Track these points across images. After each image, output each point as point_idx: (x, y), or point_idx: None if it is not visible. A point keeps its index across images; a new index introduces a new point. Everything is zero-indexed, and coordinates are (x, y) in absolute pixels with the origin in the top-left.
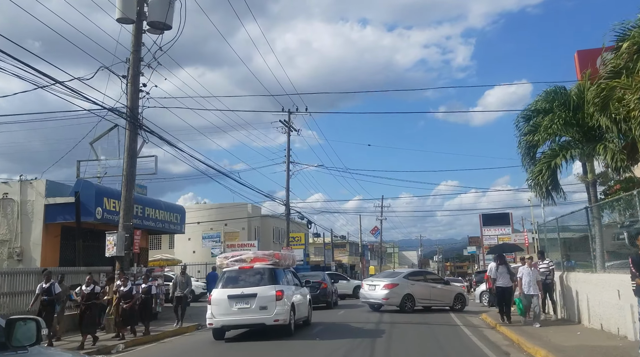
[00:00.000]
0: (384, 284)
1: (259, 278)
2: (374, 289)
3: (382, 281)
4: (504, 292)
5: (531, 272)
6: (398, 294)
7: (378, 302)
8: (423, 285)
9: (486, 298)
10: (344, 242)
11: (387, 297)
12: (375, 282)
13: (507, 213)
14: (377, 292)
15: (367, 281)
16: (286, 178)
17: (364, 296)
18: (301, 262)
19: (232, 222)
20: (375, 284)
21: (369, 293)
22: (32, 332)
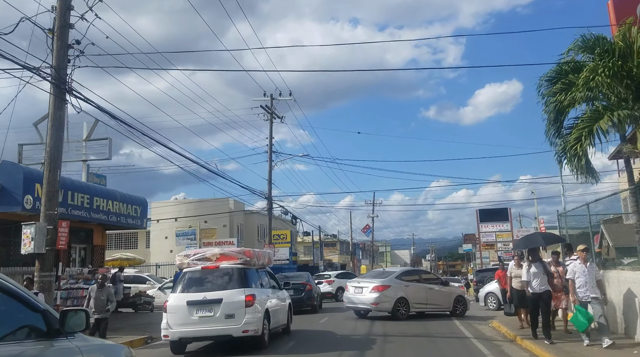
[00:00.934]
0: (372, 286)
1: (225, 280)
2: (360, 292)
3: (371, 282)
4: (540, 299)
5: (587, 270)
6: (390, 297)
7: (366, 307)
8: (418, 286)
9: (493, 301)
10: (335, 240)
11: (376, 301)
12: (362, 284)
13: (506, 208)
14: (365, 296)
15: (352, 283)
16: (268, 169)
17: (349, 300)
18: (287, 262)
19: (213, 219)
20: (362, 286)
21: (355, 297)
22: (82, 320)
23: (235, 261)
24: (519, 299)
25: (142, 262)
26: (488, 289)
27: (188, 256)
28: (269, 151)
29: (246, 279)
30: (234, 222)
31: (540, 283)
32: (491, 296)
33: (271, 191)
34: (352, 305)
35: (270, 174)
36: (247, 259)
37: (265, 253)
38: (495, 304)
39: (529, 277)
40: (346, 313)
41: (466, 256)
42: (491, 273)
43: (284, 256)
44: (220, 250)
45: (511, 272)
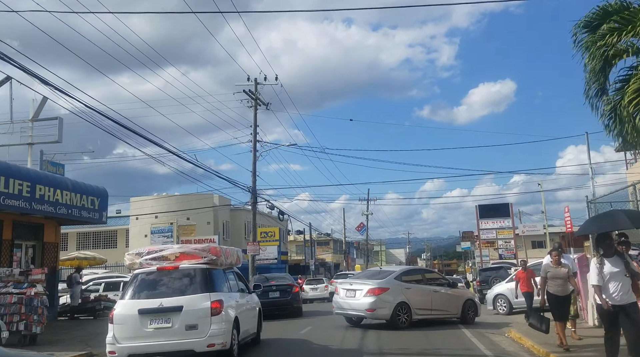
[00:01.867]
0: (367, 289)
1: (186, 283)
2: (353, 296)
3: (365, 283)
4: (623, 315)
5: None
6: (388, 302)
7: (359, 314)
8: (422, 289)
9: (503, 304)
10: (328, 239)
11: (372, 307)
12: (355, 286)
13: (507, 203)
14: (358, 301)
15: (343, 284)
16: (252, 159)
17: (339, 306)
18: (275, 261)
19: (197, 215)
20: (355, 288)
21: (347, 302)
22: None
23: (198, 260)
24: (558, 309)
25: (104, 262)
26: (497, 291)
27: (140, 255)
28: (253, 140)
29: (212, 281)
30: (219, 219)
31: (621, 289)
32: (501, 299)
33: (255, 183)
34: (342, 311)
35: (255, 164)
36: (214, 258)
37: (233, 251)
38: (505, 308)
39: (600, 279)
40: (335, 319)
41: (463, 254)
42: (495, 272)
43: (271, 254)
44: (180, 247)
45: (547, 272)
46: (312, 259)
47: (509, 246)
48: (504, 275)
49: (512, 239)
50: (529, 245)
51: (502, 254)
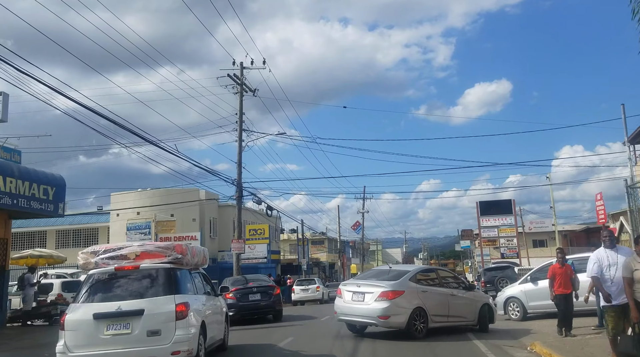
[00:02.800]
0: (380, 292)
1: (148, 285)
2: (361, 300)
3: (377, 285)
4: None
5: None
6: (404, 308)
7: (369, 321)
8: (439, 292)
9: (516, 308)
10: (323, 238)
11: (386, 313)
12: (363, 288)
13: (509, 200)
14: (369, 306)
15: (348, 286)
16: (238, 149)
17: (343, 312)
18: (264, 260)
19: (181, 212)
20: (363, 291)
21: (353, 306)
22: None
23: (161, 259)
24: None
25: (63, 260)
26: (510, 293)
27: (96, 253)
28: (238, 129)
29: (177, 282)
30: (206, 216)
31: None
32: (514, 302)
33: (241, 175)
34: (346, 317)
35: (240, 155)
36: (179, 257)
37: (200, 250)
38: (519, 313)
39: None
40: (321, 325)
41: (462, 254)
42: (501, 272)
43: (261, 253)
44: (141, 245)
45: (633, 271)
46: (304, 258)
47: (511, 244)
48: (510, 275)
49: (514, 237)
50: (530, 244)
51: (504, 253)
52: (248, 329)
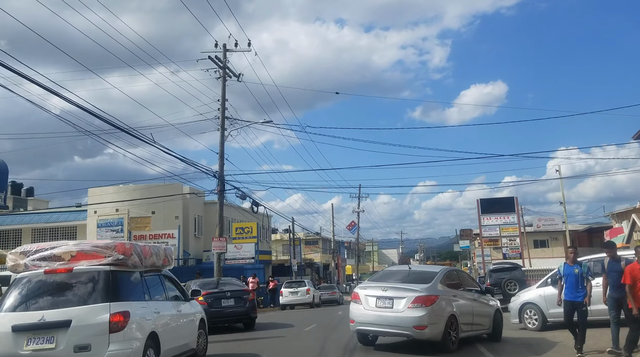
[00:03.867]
0: (415, 297)
1: (81, 290)
2: (389, 306)
3: (408, 289)
4: None
5: None
6: (440, 316)
7: (402, 332)
8: (465, 297)
9: (534, 316)
10: (317, 238)
11: (423, 323)
12: (391, 292)
13: (512, 197)
14: (401, 314)
15: (369, 290)
16: (220, 139)
17: (365, 321)
18: (252, 261)
19: (163, 209)
20: (392, 295)
21: (379, 314)
22: None
23: (100, 260)
24: None
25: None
26: (526, 298)
27: (26, 254)
28: (220, 117)
29: (117, 287)
30: (190, 213)
31: None
32: (531, 309)
33: (223, 166)
34: (370, 328)
35: (222, 145)
36: (120, 258)
37: (158, 250)
38: (537, 322)
39: None
40: (304, 337)
41: (460, 254)
42: (509, 273)
43: (248, 253)
44: (77, 244)
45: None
46: (295, 258)
47: (514, 244)
48: (519, 277)
49: (517, 237)
50: (531, 244)
51: (506, 254)
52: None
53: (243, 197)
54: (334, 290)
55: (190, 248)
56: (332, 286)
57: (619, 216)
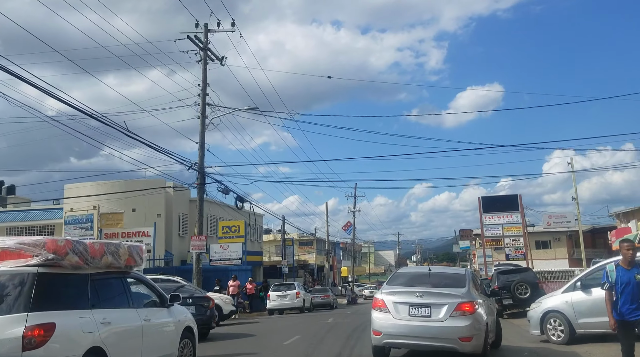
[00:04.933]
0: (457, 303)
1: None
2: (427, 315)
3: (447, 295)
4: None
5: None
6: (481, 325)
7: (446, 345)
8: (488, 302)
9: (559, 327)
10: (311, 238)
11: (469, 333)
12: (427, 299)
13: (515, 195)
14: (442, 323)
15: (398, 295)
16: (200, 128)
17: (397, 332)
18: (239, 262)
19: (145, 207)
20: (428, 302)
21: (416, 325)
22: None
23: (26, 260)
24: None
25: None
26: (550, 306)
27: None
28: (201, 103)
29: (42, 294)
30: (174, 211)
31: None
32: (555, 319)
33: (203, 158)
34: (405, 341)
35: (203, 134)
36: (51, 257)
37: (117, 247)
38: (562, 333)
39: None
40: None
41: (459, 255)
42: (519, 275)
43: (235, 254)
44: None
45: None
46: (285, 259)
47: (517, 244)
48: (531, 279)
49: (520, 237)
50: (533, 245)
51: (509, 254)
52: None
53: (226, 191)
54: (326, 293)
55: (174, 248)
56: (325, 289)
57: (624, 216)
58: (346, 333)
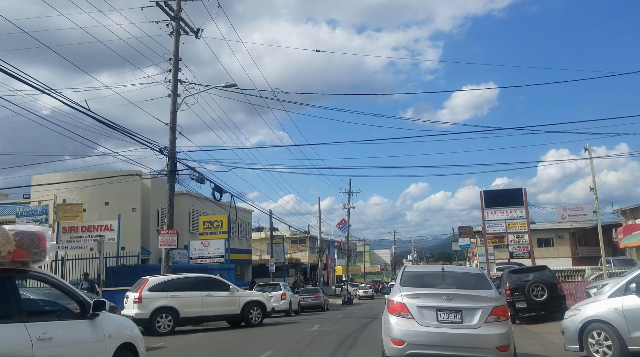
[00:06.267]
0: (492, 308)
1: None
2: (459, 321)
3: (479, 298)
4: None
5: None
6: (512, 331)
7: (483, 355)
8: None
9: (605, 342)
10: (304, 236)
11: (506, 342)
12: (457, 303)
13: (520, 189)
14: (476, 330)
15: (422, 298)
16: (171, 107)
17: (425, 341)
18: (221, 260)
19: (119, 200)
20: (459, 306)
21: (444, 332)
22: None
23: None
24: None
25: None
26: (591, 314)
27: None
28: (172, 80)
29: None
30: (152, 206)
31: None
32: (600, 331)
33: (175, 141)
34: (433, 351)
35: (174, 114)
36: None
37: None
38: (610, 350)
39: None
40: None
41: (457, 254)
42: (534, 275)
43: (216, 251)
44: None
45: None
46: (273, 257)
47: (522, 241)
48: (547, 279)
49: (525, 233)
50: (534, 243)
51: (513, 252)
52: None
53: (201, 180)
54: (317, 294)
55: (151, 245)
56: (315, 289)
57: (631, 213)
58: (331, 347)
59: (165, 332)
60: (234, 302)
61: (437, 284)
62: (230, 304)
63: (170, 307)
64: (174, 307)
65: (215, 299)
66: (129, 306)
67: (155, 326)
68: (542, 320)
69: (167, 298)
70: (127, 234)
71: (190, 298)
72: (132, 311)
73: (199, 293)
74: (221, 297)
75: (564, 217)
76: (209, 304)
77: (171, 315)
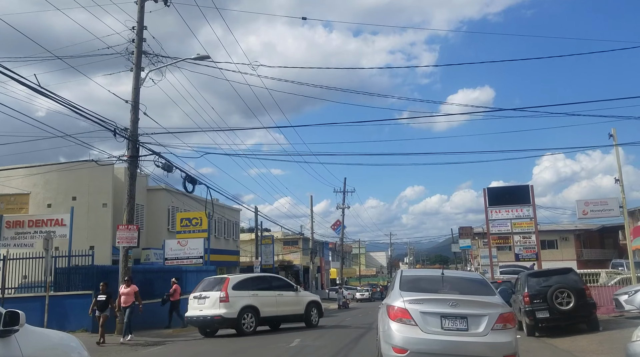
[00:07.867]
0: (498, 315)
1: None
2: (464, 328)
3: (485, 304)
4: None
5: None
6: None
7: None
8: None
9: None
10: (297, 237)
11: (514, 351)
12: (463, 308)
13: (526, 186)
14: (484, 338)
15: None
16: (133, 83)
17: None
18: (199, 261)
19: (86, 195)
20: (464, 312)
21: (449, 340)
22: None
23: None
24: None
25: None
26: None
27: None
28: (135, 51)
29: None
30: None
31: None
32: None
33: (137, 122)
34: None
35: (137, 90)
36: None
37: None
38: None
39: None
40: None
41: (455, 256)
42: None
43: (195, 251)
44: None
45: None
46: (258, 258)
47: (528, 242)
48: (574, 283)
49: (532, 233)
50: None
51: (519, 254)
52: None
53: (168, 168)
54: None
55: None
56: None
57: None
58: None
59: (249, 332)
60: (299, 302)
61: (438, 289)
62: (297, 304)
63: (253, 306)
64: (256, 307)
65: (285, 299)
66: (212, 306)
67: (242, 326)
68: (566, 332)
69: (249, 297)
70: (96, 232)
71: (267, 297)
72: (218, 310)
73: (273, 293)
74: (290, 297)
75: (586, 213)
76: (282, 303)
77: (254, 314)
